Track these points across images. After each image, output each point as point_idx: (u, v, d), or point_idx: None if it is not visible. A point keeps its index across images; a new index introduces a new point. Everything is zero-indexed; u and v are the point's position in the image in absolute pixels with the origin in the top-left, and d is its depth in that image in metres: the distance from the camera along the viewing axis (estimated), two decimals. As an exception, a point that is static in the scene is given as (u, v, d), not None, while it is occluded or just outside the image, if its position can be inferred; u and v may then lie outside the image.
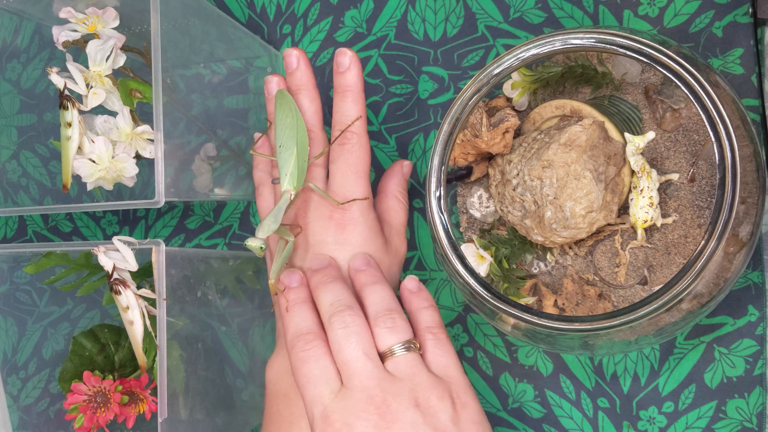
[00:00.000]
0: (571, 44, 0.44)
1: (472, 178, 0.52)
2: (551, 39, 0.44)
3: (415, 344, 0.44)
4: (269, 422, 0.50)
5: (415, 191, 0.58)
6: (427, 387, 0.42)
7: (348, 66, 0.49)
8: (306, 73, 0.50)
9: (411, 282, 0.47)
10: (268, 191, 0.53)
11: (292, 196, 0.47)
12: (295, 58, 0.50)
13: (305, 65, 0.50)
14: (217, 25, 0.58)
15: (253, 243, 0.45)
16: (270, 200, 0.53)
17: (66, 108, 0.50)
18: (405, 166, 0.54)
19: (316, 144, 0.50)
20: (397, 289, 0.50)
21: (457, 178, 0.53)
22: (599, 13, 0.54)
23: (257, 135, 0.54)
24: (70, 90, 0.50)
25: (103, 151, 0.50)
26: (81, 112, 0.51)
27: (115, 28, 0.51)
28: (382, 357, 0.43)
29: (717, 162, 0.40)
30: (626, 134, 0.46)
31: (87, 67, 0.50)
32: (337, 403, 0.42)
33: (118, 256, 0.49)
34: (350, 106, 0.49)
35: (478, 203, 0.52)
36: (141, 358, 0.51)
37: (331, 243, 0.49)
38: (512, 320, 0.45)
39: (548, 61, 0.50)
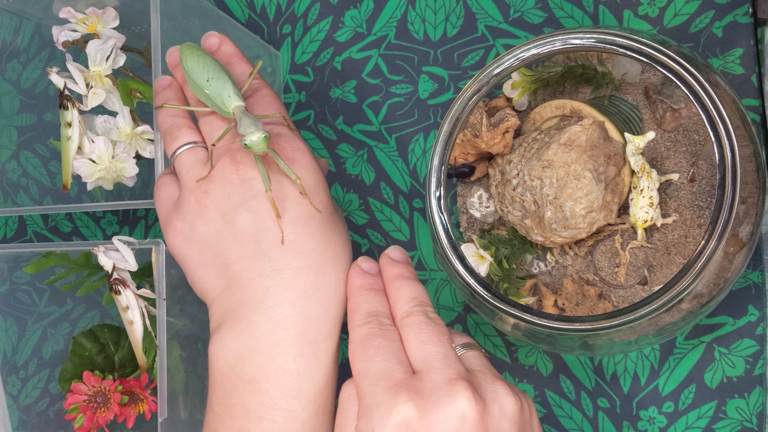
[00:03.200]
0: (571, 44, 0.44)
1: (473, 177, 0.52)
2: (551, 39, 0.44)
3: (476, 346, 0.42)
4: (228, 416, 0.41)
5: (415, 191, 0.58)
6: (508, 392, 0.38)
7: (219, 43, 0.48)
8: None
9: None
10: (172, 180, 0.47)
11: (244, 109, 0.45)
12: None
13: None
14: (217, 25, 0.58)
15: (253, 137, 0.40)
16: (174, 188, 0.46)
17: (66, 108, 0.50)
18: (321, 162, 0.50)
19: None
20: None
21: (459, 174, 0.53)
22: (599, 13, 0.54)
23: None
24: (70, 90, 0.50)
25: (103, 151, 0.50)
26: (81, 112, 0.51)
27: (115, 28, 0.51)
28: None
29: (717, 162, 0.40)
30: (626, 134, 0.46)
31: (87, 67, 0.51)
32: (414, 382, 0.37)
33: (117, 256, 0.49)
34: (245, 66, 0.48)
35: (478, 203, 0.52)
36: (141, 358, 0.51)
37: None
38: (512, 320, 0.45)
39: (548, 61, 0.50)
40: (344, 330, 0.43)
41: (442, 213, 0.46)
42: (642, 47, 0.42)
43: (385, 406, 0.36)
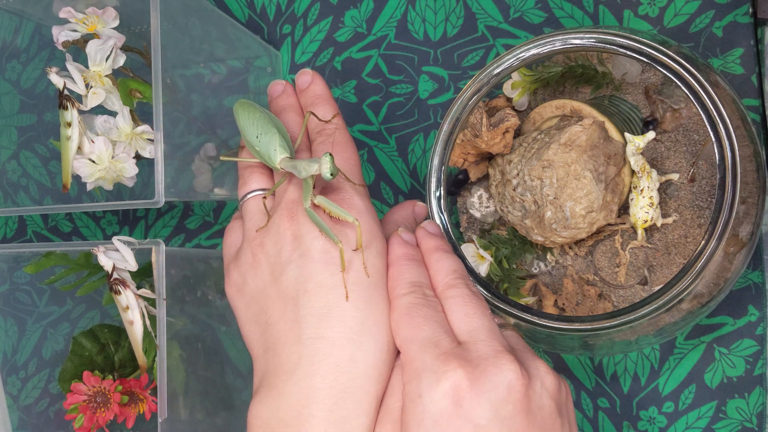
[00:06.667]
0: (571, 44, 0.44)
1: (472, 178, 0.52)
2: (551, 39, 0.44)
3: (512, 327, 0.42)
4: None
5: (415, 191, 0.58)
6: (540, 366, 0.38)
7: (311, 80, 0.47)
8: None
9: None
10: (239, 226, 0.46)
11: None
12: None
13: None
14: (217, 25, 0.58)
15: (324, 169, 0.39)
16: (239, 235, 0.46)
17: (65, 108, 0.50)
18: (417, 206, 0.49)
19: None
20: None
21: (456, 185, 0.53)
22: (599, 13, 0.54)
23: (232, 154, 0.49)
24: (69, 90, 0.50)
25: (103, 151, 0.50)
26: (81, 112, 0.51)
27: (115, 28, 0.51)
28: None
29: (717, 162, 0.40)
30: (626, 134, 0.46)
31: (87, 67, 0.50)
32: (462, 351, 0.37)
33: (117, 256, 0.49)
34: (328, 108, 0.46)
35: (478, 203, 0.52)
36: (141, 358, 0.51)
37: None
38: (512, 320, 0.45)
39: (548, 61, 0.50)
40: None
41: (442, 213, 0.46)
42: (642, 47, 0.42)
43: (434, 373, 0.36)
